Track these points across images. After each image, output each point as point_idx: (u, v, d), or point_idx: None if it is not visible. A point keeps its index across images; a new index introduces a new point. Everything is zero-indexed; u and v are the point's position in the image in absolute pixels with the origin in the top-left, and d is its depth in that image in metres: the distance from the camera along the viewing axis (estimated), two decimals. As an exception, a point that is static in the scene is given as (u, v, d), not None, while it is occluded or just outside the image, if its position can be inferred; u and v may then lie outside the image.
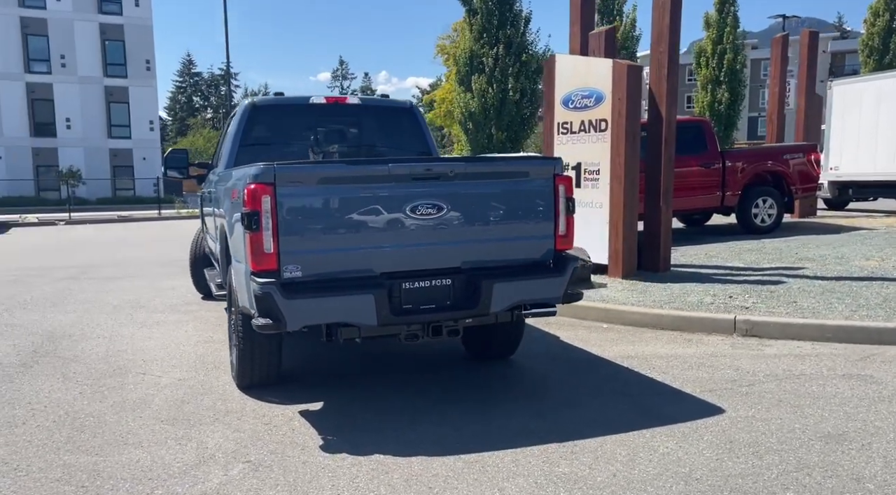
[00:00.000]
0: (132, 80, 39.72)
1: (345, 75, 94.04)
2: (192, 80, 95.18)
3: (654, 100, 8.51)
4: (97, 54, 39.42)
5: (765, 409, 4.23)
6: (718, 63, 32.83)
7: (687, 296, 7.07)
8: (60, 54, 38.44)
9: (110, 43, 39.64)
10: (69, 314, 7.40)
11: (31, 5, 38.31)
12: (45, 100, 38.79)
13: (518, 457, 3.56)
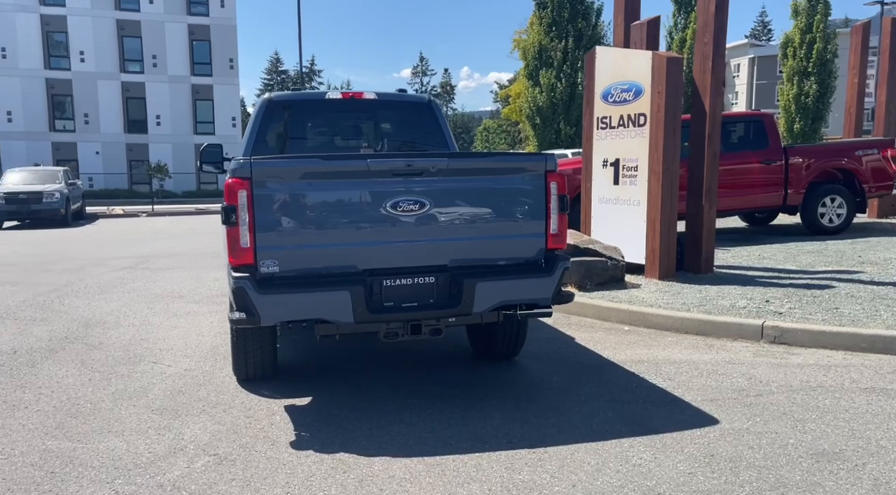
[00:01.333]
0: (217, 78, 41.32)
1: (424, 71, 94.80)
2: (279, 78, 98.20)
3: (697, 92, 8.14)
4: (185, 54, 41.22)
5: (763, 422, 3.97)
6: (807, 53, 31.21)
7: (720, 300, 6.73)
8: (152, 54, 40.42)
9: (197, 43, 41.35)
10: (112, 302, 7.76)
11: (126, 8, 40.43)
12: (138, 98, 40.88)
13: (482, 462, 3.48)
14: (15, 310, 7.34)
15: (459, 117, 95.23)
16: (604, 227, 8.61)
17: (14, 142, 39.39)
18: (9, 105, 39.65)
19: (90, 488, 3.18)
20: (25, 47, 39.38)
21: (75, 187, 22.38)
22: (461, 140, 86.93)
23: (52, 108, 40.49)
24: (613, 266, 7.57)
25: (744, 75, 67.12)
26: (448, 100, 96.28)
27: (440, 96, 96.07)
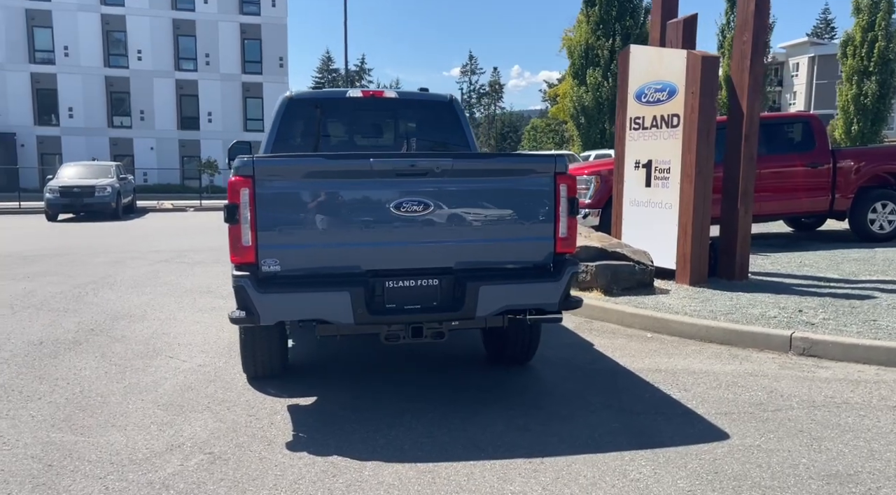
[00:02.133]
0: (266, 76, 42.02)
1: (473, 70, 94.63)
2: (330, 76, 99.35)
3: (734, 92, 7.87)
4: (237, 53, 42.06)
5: (777, 439, 3.79)
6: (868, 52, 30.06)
7: (750, 308, 6.49)
8: (206, 53, 41.36)
9: (248, 42, 42.15)
10: (143, 296, 7.92)
11: (182, 7, 41.47)
12: (191, 95, 41.88)
13: (474, 471, 3.40)
14: (51, 302, 7.55)
15: (507, 116, 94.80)
16: (635, 230, 8.41)
17: (75, 137, 40.82)
18: (70, 101, 41.10)
19: (83, 483, 3.22)
20: (87, 46, 40.75)
21: (126, 182, 23.04)
22: (508, 139, 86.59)
23: (111, 104, 41.81)
24: (641, 271, 7.38)
25: (803, 75, 65.04)
26: (496, 98, 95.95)
27: (488, 95, 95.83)
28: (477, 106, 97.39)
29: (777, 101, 66.94)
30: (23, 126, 40.77)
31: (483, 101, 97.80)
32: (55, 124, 41.31)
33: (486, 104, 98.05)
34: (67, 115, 40.96)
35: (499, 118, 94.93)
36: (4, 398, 4.39)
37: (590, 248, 7.52)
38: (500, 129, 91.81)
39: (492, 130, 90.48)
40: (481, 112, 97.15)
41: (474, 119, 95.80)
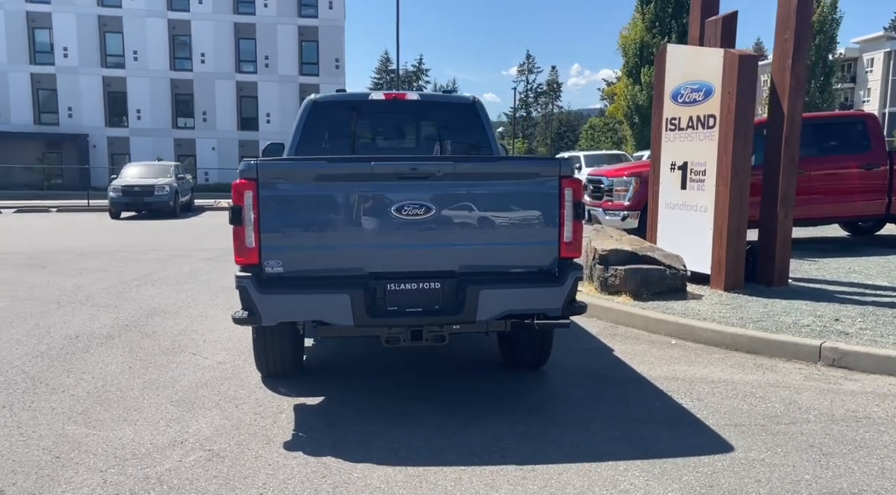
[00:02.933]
0: (323, 77, 42.72)
1: (531, 69, 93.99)
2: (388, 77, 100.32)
3: (775, 92, 7.61)
4: (294, 55, 42.95)
5: (784, 453, 3.66)
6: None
7: (783, 316, 6.27)
8: (265, 55, 42.39)
9: (306, 43, 42.99)
10: (182, 293, 8.18)
11: (243, 11, 42.60)
12: (251, 97, 42.99)
13: (463, 477, 3.40)
14: (95, 297, 7.88)
15: (565, 116, 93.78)
16: (670, 234, 8.23)
17: (142, 138, 42.44)
18: (138, 104, 42.74)
19: (84, 475, 3.36)
20: (154, 50, 42.28)
21: (184, 181, 23.81)
22: (565, 138, 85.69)
23: (176, 106, 43.27)
24: (672, 275, 7.21)
25: (878, 70, 62.25)
26: (554, 97, 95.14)
27: (546, 94, 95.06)
28: (534, 105, 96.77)
29: (850, 98, 64.22)
30: (95, 127, 42.61)
31: (540, 100, 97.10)
32: (124, 126, 43.02)
33: (544, 103, 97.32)
34: (136, 116, 42.60)
35: (556, 117, 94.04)
36: (31, 390, 4.61)
37: (620, 252, 7.40)
38: (556, 129, 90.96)
39: (548, 130, 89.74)
40: (538, 111, 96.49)
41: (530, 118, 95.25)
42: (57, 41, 42.26)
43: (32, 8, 41.95)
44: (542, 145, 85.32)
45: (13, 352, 5.52)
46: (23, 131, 42.32)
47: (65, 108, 42.50)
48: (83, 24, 41.94)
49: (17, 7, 41.75)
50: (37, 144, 42.53)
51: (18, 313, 6.99)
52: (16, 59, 42.08)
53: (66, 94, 42.41)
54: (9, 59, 42.00)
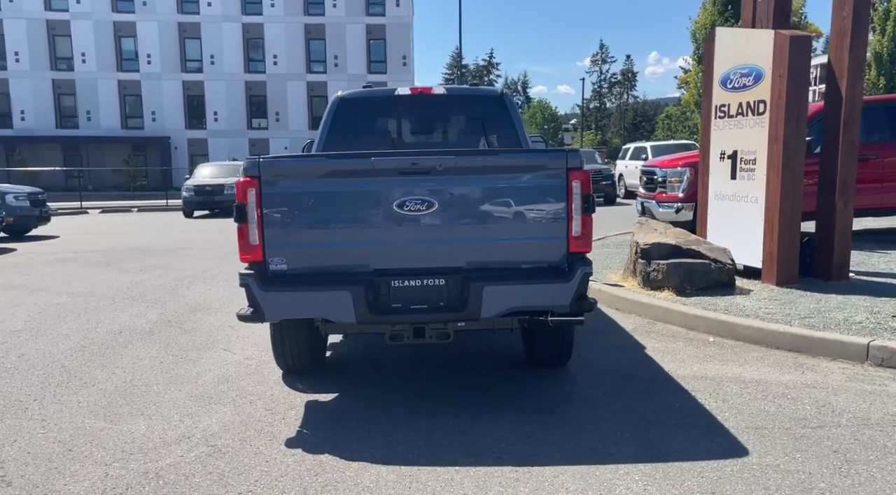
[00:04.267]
0: (391, 75, 43.14)
1: (604, 59, 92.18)
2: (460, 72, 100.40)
3: (833, 74, 7.16)
4: (363, 53, 43.55)
5: (803, 459, 3.44)
6: None
7: (836, 312, 5.90)
8: (334, 55, 43.18)
9: (374, 42, 43.52)
10: (230, 289, 8.40)
11: (313, 12, 43.51)
12: (321, 96, 43.80)
13: (455, 477, 3.33)
14: (148, 294, 8.20)
15: (640, 106, 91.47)
16: (720, 226, 7.89)
17: (219, 139, 44.01)
18: (215, 106, 44.33)
19: (89, 468, 3.46)
20: (229, 54, 43.74)
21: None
22: (641, 129, 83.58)
23: (250, 107, 44.63)
24: (718, 269, 6.90)
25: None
26: (629, 87, 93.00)
27: (620, 84, 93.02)
28: (608, 95, 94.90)
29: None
30: (176, 130, 44.47)
31: (614, 90, 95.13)
32: (203, 128, 44.69)
33: (618, 93, 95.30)
34: (213, 118, 44.20)
35: (631, 107, 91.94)
36: (65, 383, 4.82)
37: (663, 246, 7.13)
38: (632, 119, 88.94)
39: (623, 120, 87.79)
40: (612, 102, 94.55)
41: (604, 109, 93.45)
42: (141, 49, 44.29)
43: (119, 18, 44.10)
44: (616, 136, 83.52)
45: (59, 346, 5.80)
46: (111, 135, 44.61)
47: (149, 113, 44.52)
48: (164, 31, 43.80)
49: (105, 17, 43.98)
50: (124, 147, 44.75)
51: (74, 309, 7.35)
52: (104, 68, 44.36)
53: (150, 99, 44.41)
54: (98, 67, 44.31)
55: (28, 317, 6.99)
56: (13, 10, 43.64)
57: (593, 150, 27.85)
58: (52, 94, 44.87)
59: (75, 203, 28.76)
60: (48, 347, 5.77)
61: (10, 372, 5.11)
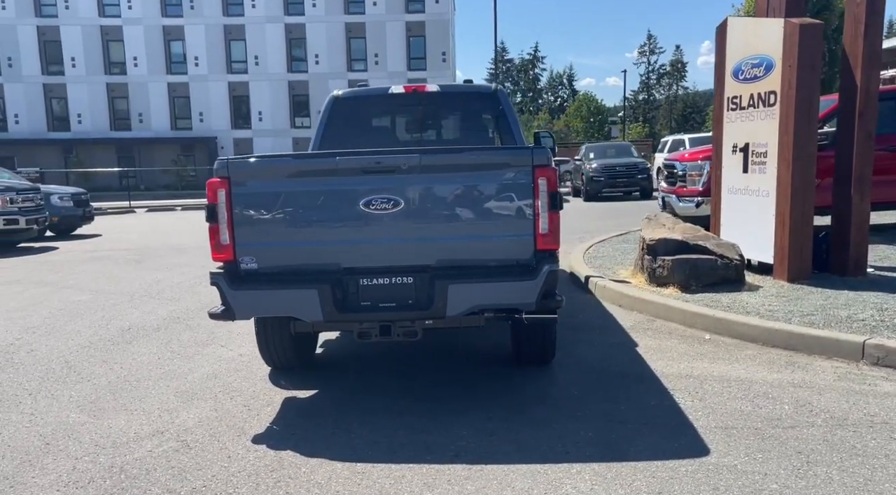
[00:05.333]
0: (430, 72, 43.31)
1: (652, 50, 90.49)
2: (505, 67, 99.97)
3: (847, 63, 6.93)
4: (402, 51, 43.82)
5: (763, 460, 3.36)
6: None
7: (841, 309, 5.73)
8: (374, 53, 43.57)
9: (413, 39, 43.75)
10: (246, 287, 8.59)
11: (354, 11, 43.95)
12: (363, 94, 44.34)
13: (405, 475, 3.36)
14: (167, 291, 8.45)
15: (690, 97, 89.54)
16: (733, 221, 7.72)
17: (264, 139, 44.89)
18: (260, 106, 45.24)
19: (60, 462, 3.57)
20: (273, 54, 44.56)
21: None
22: (691, 121, 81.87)
23: (293, 107, 45.36)
24: (724, 265, 6.75)
25: None
26: (678, 78, 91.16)
27: (669, 75, 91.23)
28: (656, 87, 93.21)
29: None
30: (222, 130, 45.56)
31: (663, 81, 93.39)
32: (248, 127, 45.64)
33: (667, 85, 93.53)
34: (257, 118, 45.10)
35: (680, 99, 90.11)
36: (63, 378, 5.03)
37: (669, 241, 7.01)
38: (681, 111, 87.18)
39: (672, 112, 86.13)
40: (661, 93, 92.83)
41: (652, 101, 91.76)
42: (189, 51, 45.51)
43: (168, 22, 45.39)
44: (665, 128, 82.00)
45: (68, 343, 6.04)
46: (162, 137, 45.98)
47: (196, 114, 45.72)
48: (211, 33, 44.87)
49: (156, 22, 45.31)
50: (173, 148, 46.06)
51: (93, 306, 7.63)
52: (155, 71, 45.72)
53: (198, 100, 45.60)
54: (149, 71, 45.71)
55: (49, 313, 7.29)
56: (69, 18, 45.33)
57: (629, 144, 27.39)
58: (107, 98, 46.49)
59: (125, 202, 29.70)
60: (58, 343, 6.01)
61: (16, 366, 5.35)
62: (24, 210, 13.67)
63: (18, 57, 45.76)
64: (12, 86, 46.06)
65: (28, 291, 8.79)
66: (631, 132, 72.50)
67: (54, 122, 47.00)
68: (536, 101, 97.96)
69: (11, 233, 13.48)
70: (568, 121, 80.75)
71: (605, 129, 75.82)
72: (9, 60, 45.83)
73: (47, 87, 46.34)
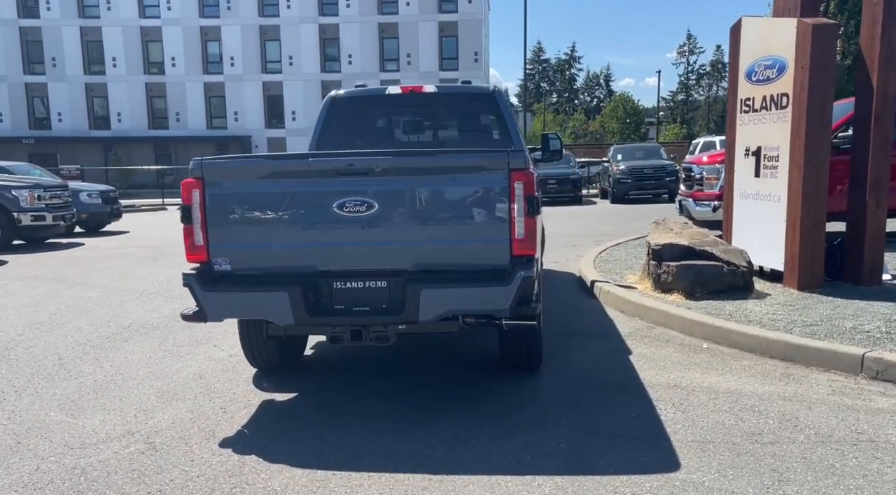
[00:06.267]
0: (462, 72, 43.24)
1: (692, 50, 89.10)
2: (541, 67, 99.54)
3: (863, 65, 6.68)
4: (435, 51, 43.87)
5: (733, 477, 3.23)
6: None
7: (847, 320, 5.52)
8: (407, 53, 43.69)
9: (446, 39, 43.74)
10: (254, 286, 8.64)
11: (387, 11, 44.13)
12: (395, 94, 44.52)
13: (364, 483, 3.29)
14: (175, 289, 8.46)
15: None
16: (745, 226, 7.52)
17: (297, 138, 45.29)
18: (293, 106, 45.70)
19: (26, 462, 3.57)
20: (307, 54, 45.00)
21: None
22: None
23: (326, 106, 45.73)
24: (731, 272, 6.56)
25: None
26: (718, 79, 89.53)
27: (709, 75, 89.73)
28: (695, 88, 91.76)
29: None
30: (256, 129, 46.16)
31: (703, 82, 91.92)
32: (281, 127, 46.15)
33: (707, 85, 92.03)
34: (291, 118, 45.58)
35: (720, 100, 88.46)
36: (52, 376, 5.08)
37: (675, 247, 6.84)
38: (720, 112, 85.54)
39: (711, 113, 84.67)
40: (700, 94, 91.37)
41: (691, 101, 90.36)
42: (225, 51, 46.20)
43: (205, 23, 46.16)
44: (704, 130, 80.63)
45: (66, 340, 6.12)
46: (198, 135, 46.76)
47: (231, 113, 46.41)
48: (247, 34, 45.49)
49: (193, 23, 46.11)
50: (209, 147, 46.74)
51: (100, 303, 7.75)
52: (192, 71, 46.52)
53: (233, 99, 46.28)
54: (186, 71, 46.52)
55: (55, 310, 7.42)
56: (111, 19, 46.41)
57: (658, 145, 26.96)
58: (145, 97, 47.48)
59: (158, 200, 30.27)
60: (57, 340, 6.11)
61: (11, 363, 5.44)
62: (52, 207, 13.98)
63: (62, 57, 47.02)
64: (56, 85, 47.34)
65: (43, 287, 8.97)
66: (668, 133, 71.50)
67: (95, 121, 48.15)
68: (573, 102, 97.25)
69: (38, 228, 13.81)
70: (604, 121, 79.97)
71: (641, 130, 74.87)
72: (53, 60, 47.12)
73: (89, 86, 47.51)
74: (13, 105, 47.28)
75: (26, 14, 46.70)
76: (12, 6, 46.38)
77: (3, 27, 46.45)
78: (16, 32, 46.78)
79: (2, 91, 47.29)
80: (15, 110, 47.32)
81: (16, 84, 47.15)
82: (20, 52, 47.02)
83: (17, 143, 45.44)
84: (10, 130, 47.06)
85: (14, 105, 47.28)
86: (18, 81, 47.22)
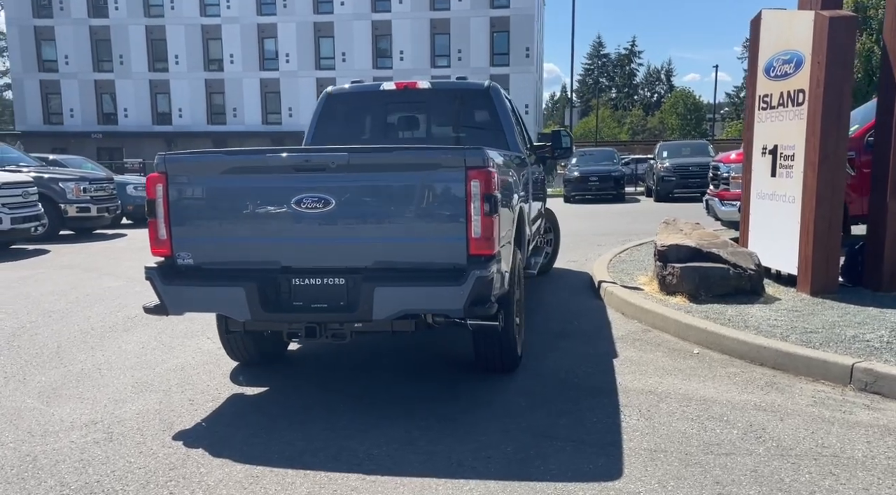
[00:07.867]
0: (513, 67, 42.96)
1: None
2: (600, 62, 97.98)
3: (887, 60, 6.33)
4: (486, 46, 43.67)
5: (674, 488, 3.11)
6: None
7: (851, 328, 5.25)
8: (458, 49, 43.62)
9: (497, 34, 43.49)
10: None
11: (439, 7, 44.16)
12: (446, 90, 44.57)
13: (296, 481, 3.27)
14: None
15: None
16: (761, 227, 7.23)
17: (349, 133, 45.87)
18: (346, 102, 46.22)
19: (-8, 448, 3.74)
20: (359, 51, 45.43)
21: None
22: (794, 119, 77.36)
23: (378, 102, 46.14)
24: (737, 275, 6.31)
25: None
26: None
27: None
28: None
29: None
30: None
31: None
32: (334, 123, 46.76)
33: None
34: (343, 114, 46.14)
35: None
36: (44, 364, 5.26)
37: (681, 248, 6.62)
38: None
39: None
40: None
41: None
42: (280, 48, 47.07)
43: (262, 20, 47.11)
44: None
45: (72, 328, 6.34)
46: (254, 130, 47.81)
47: (286, 109, 47.25)
48: (301, 31, 46.24)
49: (251, 20, 47.14)
50: (264, 142, 47.72)
51: (118, 292, 8.01)
52: (249, 68, 47.56)
53: (288, 95, 47.12)
54: (243, 67, 47.59)
55: (74, 299, 7.70)
56: (174, 18, 47.84)
57: (706, 143, 26.13)
58: (205, 93, 48.80)
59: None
60: (63, 328, 6.33)
61: (12, 350, 5.66)
62: (97, 199, 14.51)
63: (129, 55, 48.74)
64: (123, 82, 49.11)
65: (73, 276, 9.32)
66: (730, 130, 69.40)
67: (158, 116, 49.77)
68: (631, 97, 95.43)
69: (84, 219, 14.37)
70: (663, 117, 78.25)
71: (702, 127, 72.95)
72: (120, 58, 48.90)
73: (153, 83, 49.12)
74: (83, 101, 49.28)
75: (96, 14, 48.58)
76: (83, 6, 48.31)
77: (74, 26, 48.46)
78: (86, 31, 48.72)
79: (73, 88, 49.35)
80: (85, 106, 49.32)
81: (86, 81, 49.12)
82: (90, 50, 48.95)
83: (86, 138, 47.43)
84: (81, 125, 49.08)
85: (84, 101, 49.28)
86: (88, 79, 49.17)
